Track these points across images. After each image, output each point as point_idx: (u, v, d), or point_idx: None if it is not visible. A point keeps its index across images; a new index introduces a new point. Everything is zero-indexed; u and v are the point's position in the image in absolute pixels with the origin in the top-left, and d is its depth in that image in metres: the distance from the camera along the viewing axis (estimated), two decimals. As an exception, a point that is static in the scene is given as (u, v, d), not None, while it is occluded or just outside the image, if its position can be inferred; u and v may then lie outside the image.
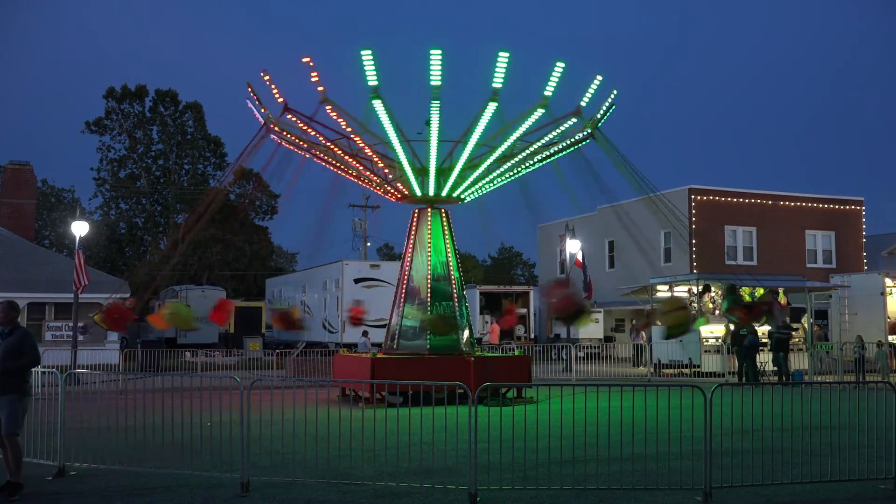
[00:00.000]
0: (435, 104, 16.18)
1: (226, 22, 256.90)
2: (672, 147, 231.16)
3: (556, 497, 8.37)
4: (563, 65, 16.87)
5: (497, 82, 16.04)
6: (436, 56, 15.41)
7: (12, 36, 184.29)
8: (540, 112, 17.26)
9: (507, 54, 15.76)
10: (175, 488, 8.78)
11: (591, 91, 17.83)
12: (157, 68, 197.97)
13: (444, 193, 18.77)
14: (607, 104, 18.10)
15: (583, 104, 17.99)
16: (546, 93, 16.99)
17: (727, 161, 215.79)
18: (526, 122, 17.59)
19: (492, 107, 16.56)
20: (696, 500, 8.29)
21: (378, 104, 16.25)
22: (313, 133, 17.83)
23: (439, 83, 15.69)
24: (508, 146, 18.17)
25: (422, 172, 18.44)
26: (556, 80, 16.91)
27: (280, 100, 17.09)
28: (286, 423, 11.81)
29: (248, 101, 17.83)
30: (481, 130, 17.38)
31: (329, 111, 16.69)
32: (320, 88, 16.33)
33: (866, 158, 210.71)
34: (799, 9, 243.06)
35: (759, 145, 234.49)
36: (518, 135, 17.86)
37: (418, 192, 18.66)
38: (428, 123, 18.08)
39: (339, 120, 17.03)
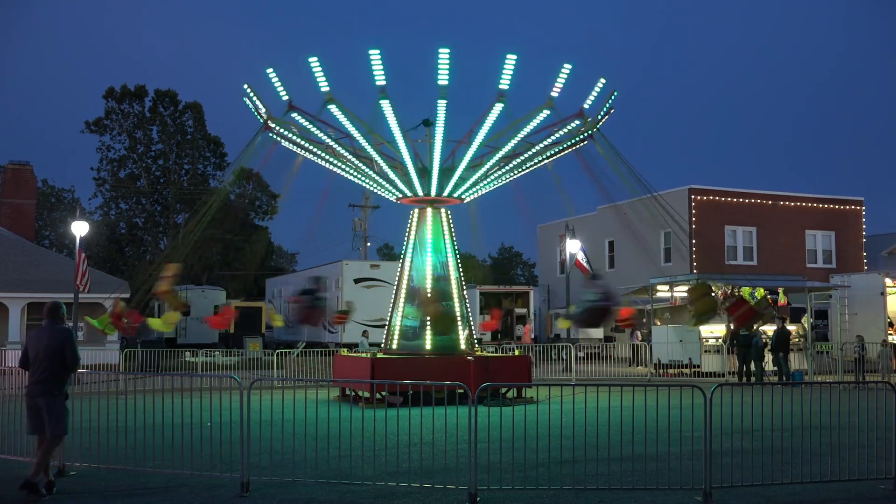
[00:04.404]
0: (442, 103, 16.24)
1: (226, 22, 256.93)
2: (672, 147, 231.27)
3: (556, 497, 8.36)
4: (569, 66, 17.03)
5: (504, 84, 16.15)
6: (444, 55, 15.50)
7: (12, 36, 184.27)
8: (545, 113, 17.41)
9: (514, 57, 15.89)
10: (175, 488, 8.78)
11: (594, 93, 18.01)
12: (157, 68, 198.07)
13: (445, 193, 18.77)
14: (607, 105, 18.20)
15: (586, 106, 18.12)
16: (552, 94, 17.20)
17: (727, 161, 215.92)
18: (531, 124, 17.68)
19: (498, 107, 16.64)
20: (696, 500, 8.28)
21: (386, 104, 16.28)
22: (315, 131, 17.82)
23: (447, 82, 15.81)
24: (512, 147, 18.21)
25: (423, 172, 18.44)
26: (563, 81, 17.08)
27: (285, 97, 17.13)
28: (286, 423, 11.83)
29: (245, 98, 17.84)
30: (486, 131, 17.44)
31: (334, 111, 16.71)
32: (325, 88, 16.35)
33: (866, 158, 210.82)
34: (799, 9, 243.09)
35: (759, 145, 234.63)
36: (523, 135, 17.94)
37: (420, 192, 18.64)
38: (426, 123, 18.11)
39: (344, 120, 17.04)
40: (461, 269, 19.34)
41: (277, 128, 17.92)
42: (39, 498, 8.36)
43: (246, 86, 17.69)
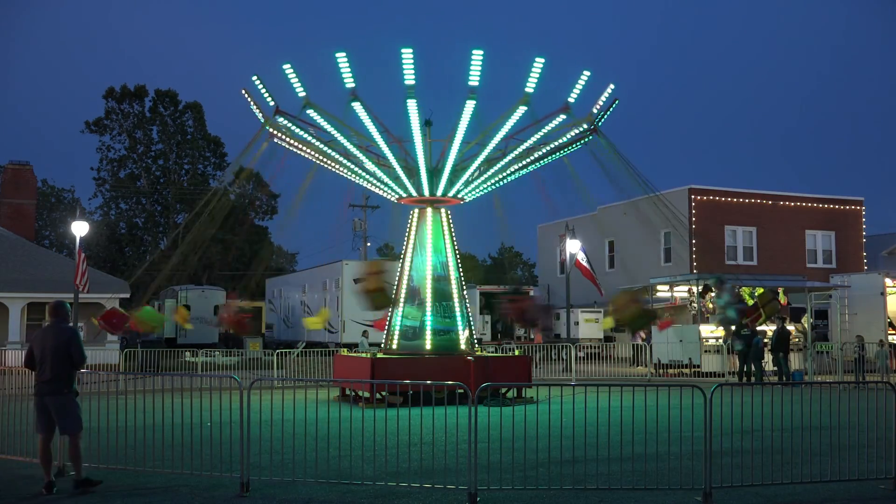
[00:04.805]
0: (470, 103, 16.26)
1: (226, 22, 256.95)
2: (672, 147, 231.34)
3: (556, 497, 8.36)
4: (588, 73, 17.20)
5: (530, 87, 16.25)
6: (477, 56, 15.55)
7: (13, 36, 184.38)
8: (561, 117, 17.51)
9: (542, 60, 15.94)
10: (175, 488, 8.78)
11: (602, 99, 18.14)
12: (157, 68, 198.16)
13: (450, 193, 18.74)
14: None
15: (595, 110, 18.19)
16: (569, 99, 17.32)
17: (727, 161, 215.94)
18: (546, 128, 17.73)
19: (521, 110, 16.68)
20: (696, 500, 8.28)
21: (412, 104, 16.27)
22: (328, 126, 17.73)
23: (477, 83, 15.88)
24: (521, 150, 18.23)
25: (426, 172, 18.40)
26: (581, 87, 17.28)
27: (302, 94, 17.04)
28: (286, 423, 11.82)
29: (245, 93, 17.78)
30: (505, 132, 17.50)
31: (357, 108, 16.67)
32: (350, 84, 16.24)
33: (866, 158, 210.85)
34: (799, 8, 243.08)
35: (759, 145, 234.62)
36: (536, 139, 18.00)
37: (425, 192, 18.61)
38: (428, 123, 18.09)
39: (365, 119, 16.98)
40: (461, 269, 19.34)
41: (281, 120, 17.86)
42: (95, 485, 8.66)
43: (255, 78, 17.59)
